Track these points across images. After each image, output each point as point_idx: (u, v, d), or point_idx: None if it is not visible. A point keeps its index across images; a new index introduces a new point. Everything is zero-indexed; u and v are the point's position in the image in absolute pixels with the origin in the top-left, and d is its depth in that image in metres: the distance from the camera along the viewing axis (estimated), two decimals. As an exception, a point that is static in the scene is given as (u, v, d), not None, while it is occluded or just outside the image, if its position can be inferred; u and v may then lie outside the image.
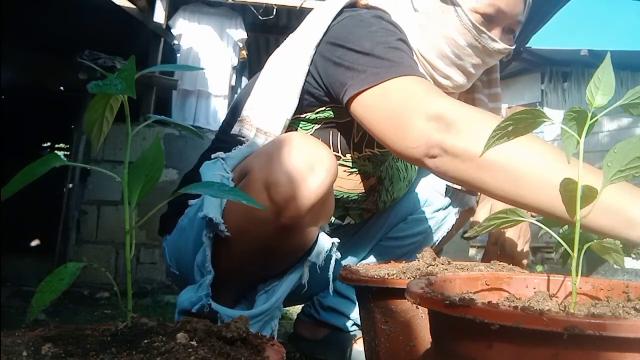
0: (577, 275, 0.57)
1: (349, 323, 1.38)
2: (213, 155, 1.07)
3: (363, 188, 1.27)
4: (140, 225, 0.56)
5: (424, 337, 0.77)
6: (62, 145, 7.76)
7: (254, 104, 1.15)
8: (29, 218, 5.21)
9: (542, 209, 0.84)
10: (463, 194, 1.40)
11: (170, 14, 4.47)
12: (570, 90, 8.25)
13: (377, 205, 1.36)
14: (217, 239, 0.99)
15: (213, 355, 0.44)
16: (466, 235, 1.28)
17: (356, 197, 1.29)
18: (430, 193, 1.41)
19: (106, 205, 3.33)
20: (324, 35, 1.08)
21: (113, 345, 0.46)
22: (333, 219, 1.33)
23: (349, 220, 1.36)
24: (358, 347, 1.35)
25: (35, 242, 5.79)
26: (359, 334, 1.38)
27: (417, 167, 1.40)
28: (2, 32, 3.52)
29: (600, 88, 0.57)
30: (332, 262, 1.07)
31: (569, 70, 8.22)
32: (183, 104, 4.58)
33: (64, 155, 7.15)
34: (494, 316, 0.44)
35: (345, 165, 1.23)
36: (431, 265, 0.90)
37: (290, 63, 1.12)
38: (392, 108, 0.95)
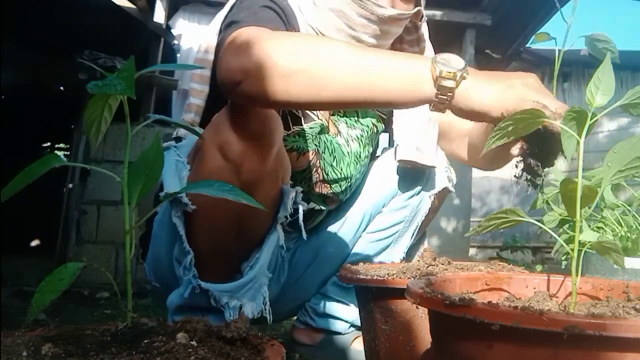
0: (577, 275, 0.57)
1: (345, 326, 1.38)
2: (165, 144, 1.12)
3: (302, 164, 1.27)
4: (140, 225, 0.56)
5: (424, 337, 0.77)
6: (62, 145, 7.76)
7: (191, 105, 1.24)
8: (29, 218, 5.21)
9: (348, 102, 0.86)
10: (431, 176, 1.38)
11: (170, 14, 4.46)
12: (570, 90, 8.25)
13: (332, 188, 1.33)
14: (188, 220, 1.01)
15: (213, 355, 0.44)
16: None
17: (299, 174, 1.28)
18: (400, 182, 1.40)
19: (106, 205, 3.33)
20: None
21: (113, 345, 0.46)
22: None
23: (313, 205, 1.35)
24: (358, 347, 1.34)
25: (35, 242, 5.79)
26: (356, 334, 1.37)
27: (365, 140, 1.37)
28: (2, 32, 3.52)
29: (600, 88, 0.58)
30: (300, 212, 1.10)
31: (569, 70, 8.21)
32: (183, 104, 4.57)
33: (64, 155, 7.15)
34: (494, 316, 0.44)
35: None
36: (431, 265, 0.90)
37: (203, 58, 1.19)
38: (219, 57, 0.98)
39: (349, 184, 1.36)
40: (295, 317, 1.46)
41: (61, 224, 3.34)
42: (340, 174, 1.34)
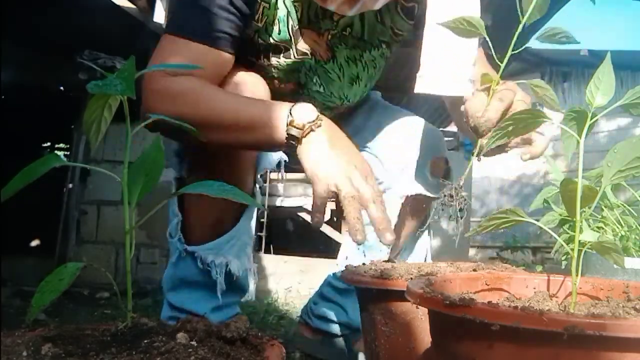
0: (577, 275, 0.57)
1: (340, 328, 1.39)
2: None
3: (285, 90, 1.25)
4: (140, 225, 0.56)
5: (424, 338, 0.77)
6: (62, 145, 7.75)
7: None
8: (29, 218, 5.21)
9: (221, 143, 0.99)
10: (407, 177, 1.29)
11: (170, 14, 4.47)
12: (570, 90, 8.25)
13: (325, 111, 1.29)
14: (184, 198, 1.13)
15: (213, 355, 0.44)
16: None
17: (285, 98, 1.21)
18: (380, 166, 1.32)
19: (106, 205, 3.33)
20: None
21: (113, 345, 0.46)
22: None
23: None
24: (358, 347, 1.35)
25: (35, 242, 5.79)
26: (355, 335, 1.38)
27: (368, 58, 1.28)
28: (2, 32, 3.53)
29: (600, 88, 0.58)
30: (282, 165, 1.26)
31: (569, 70, 8.22)
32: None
33: (64, 155, 7.15)
34: (494, 316, 0.44)
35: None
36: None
37: None
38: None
39: (344, 102, 1.33)
40: (300, 314, 1.51)
41: (61, 224, 3.35)
42: (331, 97, 1.30)
